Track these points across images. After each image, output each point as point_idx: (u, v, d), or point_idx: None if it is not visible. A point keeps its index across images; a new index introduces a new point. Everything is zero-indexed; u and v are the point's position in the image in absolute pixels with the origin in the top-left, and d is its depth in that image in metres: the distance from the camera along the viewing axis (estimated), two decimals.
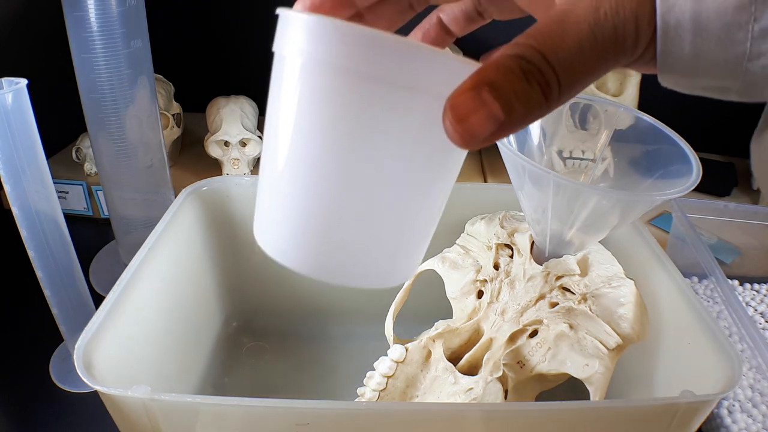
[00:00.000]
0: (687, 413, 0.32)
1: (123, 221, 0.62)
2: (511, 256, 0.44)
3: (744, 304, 0.60)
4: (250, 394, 0.32)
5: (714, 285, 0.53)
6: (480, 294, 0.44)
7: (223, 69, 0.93)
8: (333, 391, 0.49)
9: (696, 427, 0.34)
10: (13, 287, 0.62)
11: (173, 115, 0.77)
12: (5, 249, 0.61)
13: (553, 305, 0.40)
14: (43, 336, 0.52)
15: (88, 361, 0.32)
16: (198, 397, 0.34)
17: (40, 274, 0.45)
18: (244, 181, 0.51)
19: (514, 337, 0.40)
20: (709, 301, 0.58)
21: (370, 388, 0.42)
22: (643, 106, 0.59)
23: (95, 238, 0.70)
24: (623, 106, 0.41)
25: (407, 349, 0.42)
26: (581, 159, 0.46)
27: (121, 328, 0.36)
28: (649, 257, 0.45)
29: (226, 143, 0.73)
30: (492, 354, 0.40)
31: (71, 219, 0.50)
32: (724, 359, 0.35)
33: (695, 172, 0.36)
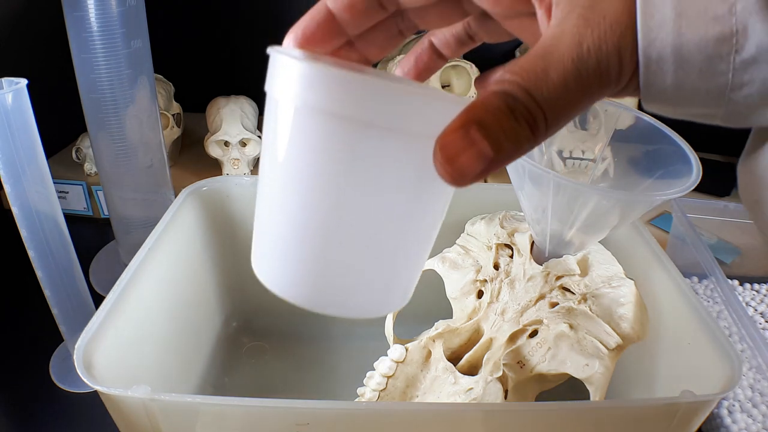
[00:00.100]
0: (687, 413, 0.32)
1: (123, 221, 0.62)
2: (511, 256, 0.44)
3: (744, 304, 0.60)
4: (250, 394, 0.32)
5: (714, 285, 0.53)
6: (480, 294, 0.44)
7: (223, 69, 0.93)
8: (333, 391, 0.49)
9: (696, 427, 0.34)
10: (13, 287, 0.62)
11: (173, 115, 0.77)
12: (5, 249, 0.61)
13: (553, 305, 0.40)
14: (43, 336, 0.52)
15: (88, 361, 0.32)
16: (198, 397, 0.34)
17: (40, 274, 0.45)
18: (244, 181, 0.51)
19: (514, 337, 0.40)
20: (709, 301, 0.58)
21: (370, 388, 0.42)
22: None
23: (95, 238, 0.70)
24: (623, 106, 0.41)
25: (407, 349, 0.42)
26: (581, 159, 0.46)
27: (121, 328, 0.36)
28: (649, 257, 0.45)
29: (226, 143, 0.73)
30: (492, 354, 0.40)
31: (71, 219, 0.50)
32: (724, 359, 0.35)
33: (695, 172, 0.36)
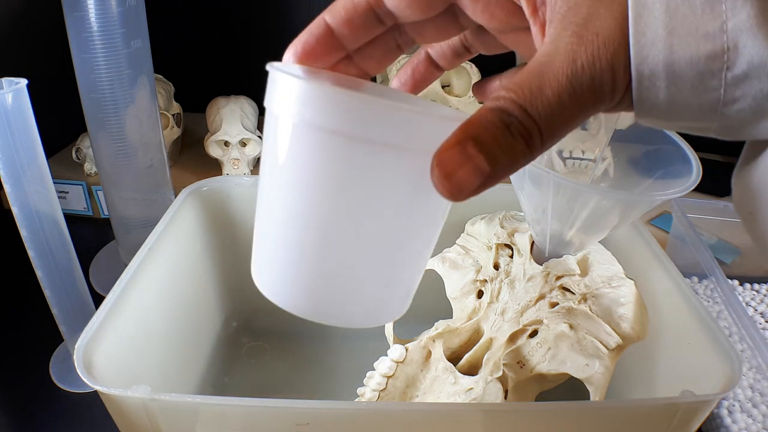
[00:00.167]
0: (687, 413, 0.32)
1: (123, 221, 0.62)
2: (511, 256, 0.44)
3: (744, 304, 0.60)
4: (250, 394, 0.32)
5: (714, 285, 0.53)
6: (480, 294, 0.44)
7: (223, 69, 0.93)
8: (333, 391, 0.49)
9: (696, 427, 0.34)
10: (13, 287, 0.62)
11: (173, 115, 0.77)
12: (5, 249, 0.61)
13: (553, 305, 0.40)
14: (43, 336, 0.52)
15: (88, 361, 0.32)
16: (198, 397, 0.34)
17: (40, 274, 0.45)
18: (244, 181, 0.51)
19: (514, 337, 0.40)
20: (709, 301, 0.57)
21: (370, 388, 0.42)
22: None
23: (95, 238, 0.70)
24: None
25: (407, 349, 0.42)
26: (581, 159, 0.46)
27: (121, 328, 0.36)
28: (649, 257, 0.45)
29: (226, 143, 0.73)
30: (492, 354, 0.40)
31: (71, 219, 0.50)
32: (724, 359, 0.35)
33: (695, 172, 0.36)
